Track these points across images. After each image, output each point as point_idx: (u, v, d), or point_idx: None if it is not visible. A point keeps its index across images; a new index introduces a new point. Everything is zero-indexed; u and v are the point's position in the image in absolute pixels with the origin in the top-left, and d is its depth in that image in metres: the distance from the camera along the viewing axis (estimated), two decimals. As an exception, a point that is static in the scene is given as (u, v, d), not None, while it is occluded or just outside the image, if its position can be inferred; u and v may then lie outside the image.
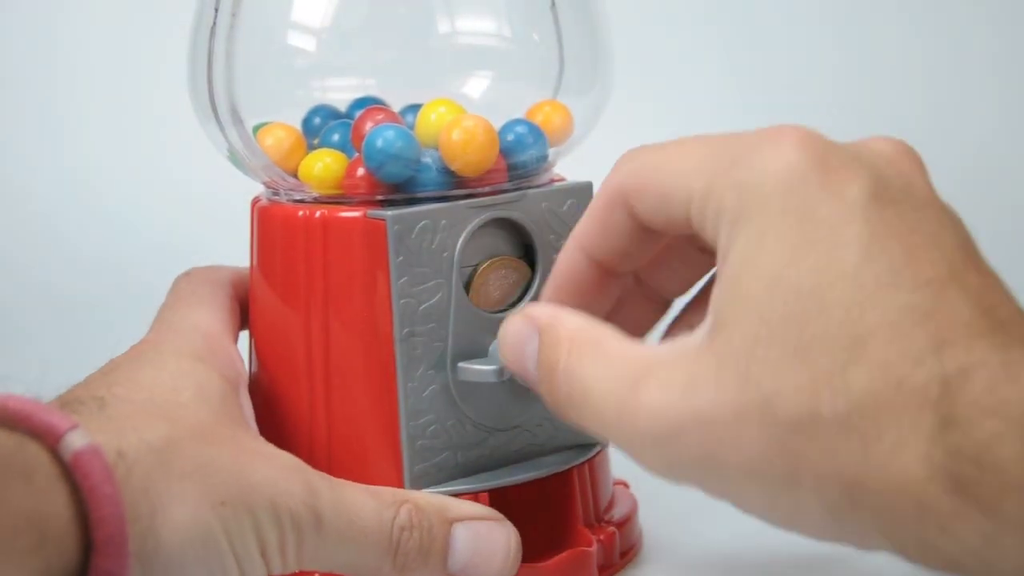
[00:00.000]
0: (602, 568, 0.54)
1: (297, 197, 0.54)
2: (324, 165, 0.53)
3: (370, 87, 0.56)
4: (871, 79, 1.10)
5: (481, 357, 0.52)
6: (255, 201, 0.56)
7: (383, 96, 0.57)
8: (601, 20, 0.57)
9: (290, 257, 0.53)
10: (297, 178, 0.54)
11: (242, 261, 0.56)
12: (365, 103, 0.56)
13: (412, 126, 0.54)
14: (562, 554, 0.53)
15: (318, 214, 0.52)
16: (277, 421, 0.54)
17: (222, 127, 0.55)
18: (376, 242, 0.51)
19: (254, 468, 0.46)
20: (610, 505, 0.57)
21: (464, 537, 0.49)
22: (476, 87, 0.56)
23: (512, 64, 0.57)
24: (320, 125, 0.56)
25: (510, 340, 0.46)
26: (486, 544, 0.49)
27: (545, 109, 0.56)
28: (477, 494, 0.52)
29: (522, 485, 0.53)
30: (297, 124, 0.56)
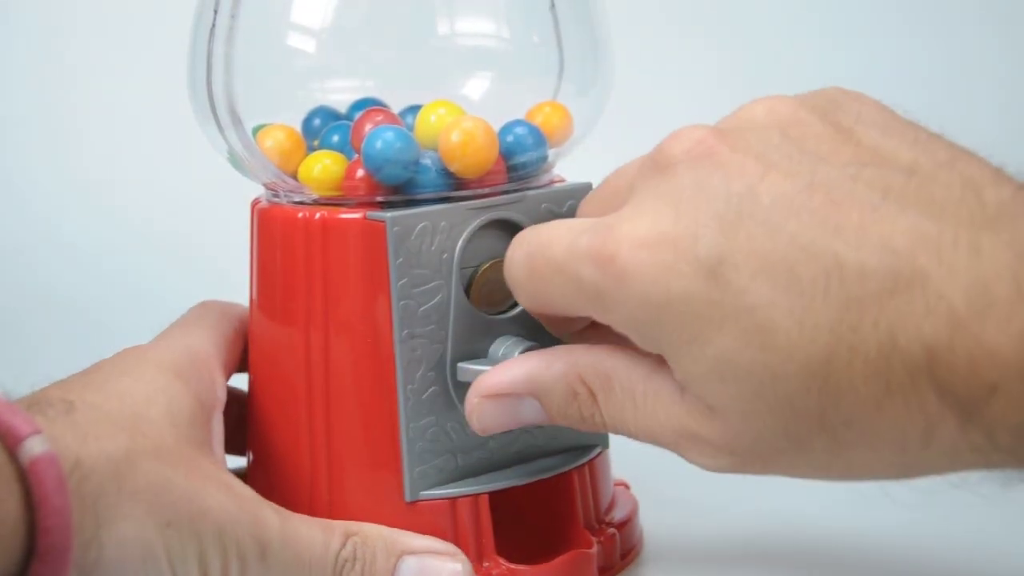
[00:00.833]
0: (603, 570, 0.54)
1: (297, 199, 0.54)
2: (324, 167, 0.53)
3: (369, 88, 0.56)
4: (870, 80, 1.10)
5: (481, 359, 0.52)
6: (255, 203, 0.56)
7: (382, 97, 0.57)
8: (600, 21, 0.57)
9: (290, 259, 0.53)
10: (297, 180, 0.54)
11: (243, 262, 0.56)
12: (365, 104, 0.56)
13: (412, 127, 0.54)
14: (563, 556, 0.53)
15: (318, 216, 0.52)
16: (277, 424, 0.54)
17: (221, 129, 0.55)
18: (376, 244, 0.51)
19: (207, 493, 0.46)
20: (611, 506, 0.57)
21: (411, 570, 0.50)
22: (476, 88, 0.56)
23: (512, 65, 0.57)
24: (320, 127, 0.56)
25: (490, 415, 0.49)
26: None
27: (545, 110, 0.56)
28: (477, 496, 0.52)
29: (522, 487, 0.53)
30: (296, 126, 0.56)
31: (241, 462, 0.58)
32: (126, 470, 0.45)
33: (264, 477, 0.55)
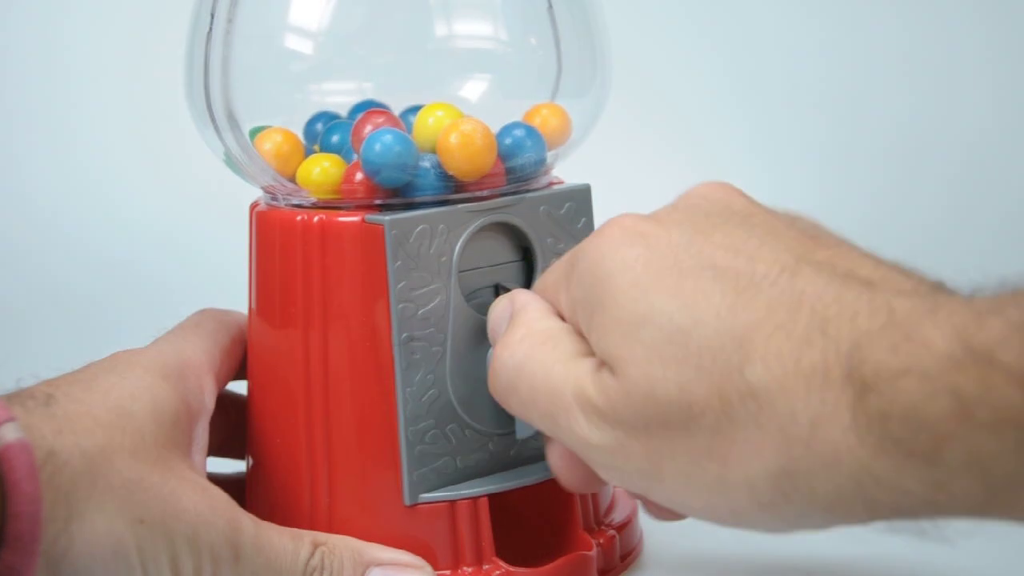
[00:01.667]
0: (602, 572, 0.54)
1: (295, 202, 0.54)
2: (322, 169, 0.53)
3: (367, 91, 0.56)
4: (870, 80, 1.10)
5: (480, 361, 0.52)
6: (254, 206, 0.56)
7: (380, 100, 0.57)
8: (598, 23, 0.57)
9: (288, 262, 0.53)
10: (295, 183, 0.54)
11: (244, 264, 0.56)
12: (365, 107, 0.56)
13: (411, 129, 0.54)
14: (562, 558, 0.53)
15: (316, 219, 0.52)
16: (276, 427, 0.54)
17: (219, 132, 0.55)
18: (374, 247, 0.51)
19: (182, 494, 0.47)
20: (610, 508, 0.57)
21: None
22: (474, 90, 0.56)
23: (510, 67, 0.57)
24: (322, 131, 0.56)
25: (493, 316, 0.51)
26: None
27: (543, 112, 0.56)
28: (477, 499, 0.52)
29: (522, 489, 0.53)
30: (294, 129, 0.56)
31: (240, 466, 0.58)
32: (101, 465, 0.45)
33: (263, 481, 0.55)
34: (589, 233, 0.54)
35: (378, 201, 0.52)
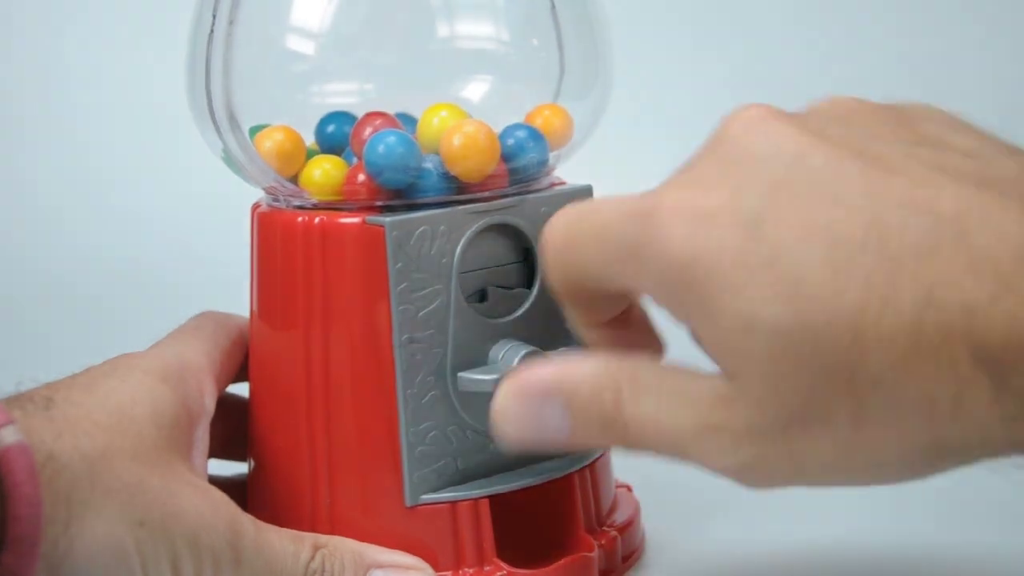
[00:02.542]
0: (604, 573, 0.54)
1: (296, 203, 0.54)
2: (323, 171, 0.53)
3: (368, 92, 0.56)
4: (872, 82, 1.10)
5: (481, 363, 0.52)
6: (255, 206, 0.56)
7: (382, 101, 0.57)
8: (601, 23, 0.57)
9: (290, 263, 0.53)
10: (296, 184, 0.54)
11: (245, 266, 0.56)
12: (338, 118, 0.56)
13: (413, 131, 0.54)
14: (563, 560, 0.53)
15: (317, 220, 0.52)
16: (277, 429, 0.54)
17: (220, 133, 0.55)
18: (375, 248, 0.51)
19: (182, 496, 0.47)
20: (612, 509, 0.57)
21: None
22: (476, 91, 0.56)
23: (512, 68, 0.57)
24: (335, 132, 0.56)
25: (514, 415, 0.45)
26: None
27: (545, 113, 0.56)
28: (478, 500, 0.52)
29: (523, 491, 0.53)
30: (295, 130, 0.56)
31: (241, 468, 0.58)
32: (101, 468, 0.45)
33: (265, 482, 0.55)
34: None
35: (380, 202, 0.52)
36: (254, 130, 0.55)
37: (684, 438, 0.42)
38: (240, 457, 0.58)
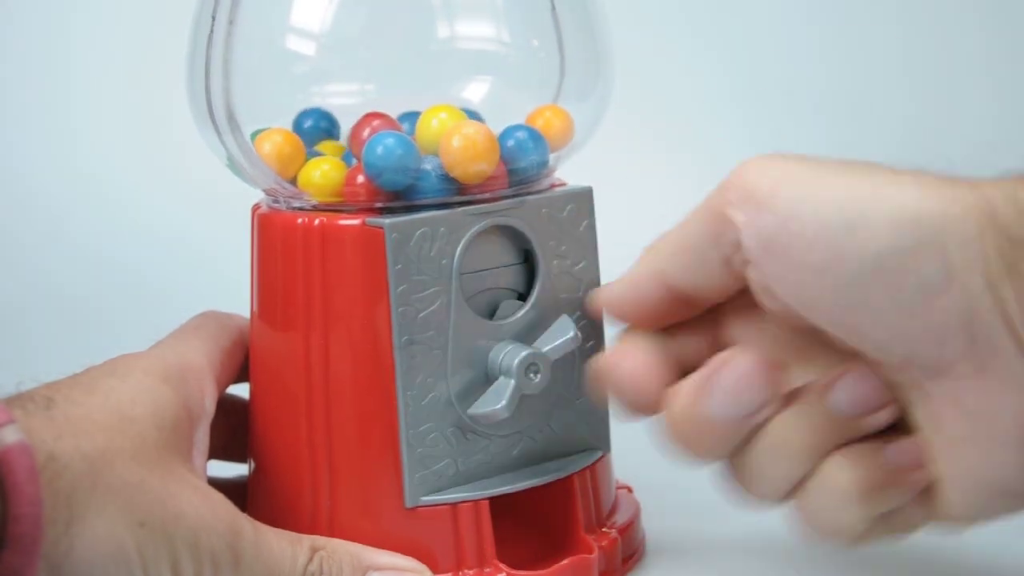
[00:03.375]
0: (604, 574, 0.54)
1: (296, 204, 0.54)
2: (323, 172, 0.53)
3: (369, 93, 0.56)
4: (872, 84, 1.10)
5: (481, 364, 0.52)
6: (255, 208, 0.56)
7: (382, 101, 0.57)
8: (601, 24, 0.57)
9: (290, 265, 0.53)
10: (296, 186, 0.54)
11: (246, 267, 0.56)
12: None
13: (412, 132, 0.54)
14: (563, 561, 0.52)
15: (317, 222, 0.52)
16: (277, 430, 0.54)
17: (220, 134, 0.55)
18: (375, 250, 0.51)
19: (182, 497, 0.47)
20: (612, 510, 0.57)
21: None
22: (476, 92, 0.56)
23: (512, 69, 0.57)
24: (312, 128, 0.56)
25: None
26: None
27: (545, 114, 0.56)
28: (478, 501, 0.52)
29: (523, 492, 0.53)
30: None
31: (241, 469, 0.58)
32: (102, 468, 0.45)
33: (265, 484, 0.55)
34: (591, 235, 0.55)
35: (379, 204, 0.52)
36: (255, 135, 0.55)
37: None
38: (240, 458, 0.58)
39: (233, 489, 0.54)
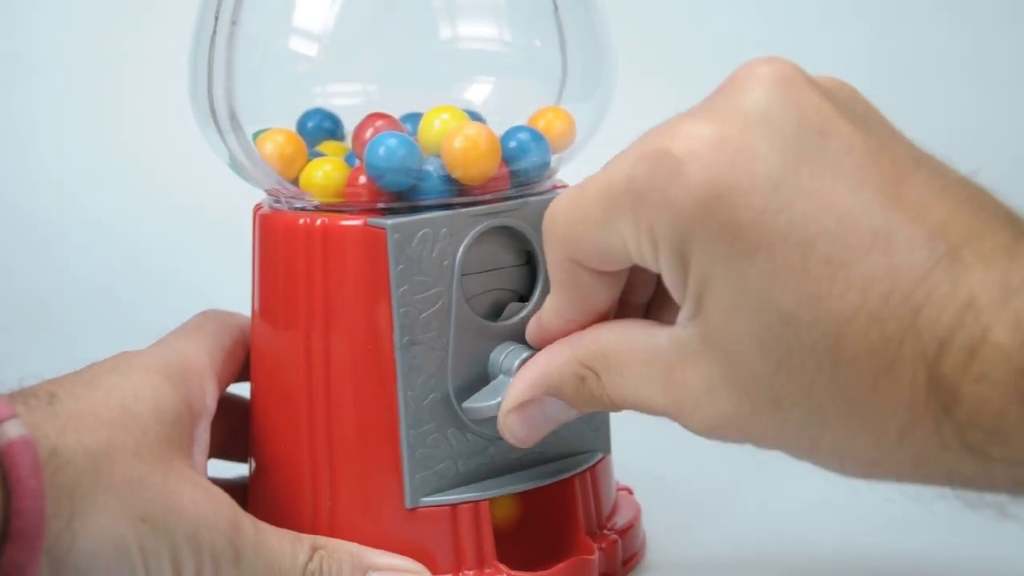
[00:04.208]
0: (604, 575, 0.54)
1: (298, 205, 0.54)
2: (325, 172, 0.53)
3: (371, 93, 0.56)
4: (873, 84, 1.10)
5: (482, 364, 0.52)
6: (257, 208, 0.56)
7: (384, 102, 0.56)
8: (603, 26, 0.57)
9: (291, 265, 0.53)
10: (298, 186, 0.54)
11: (247, 266, 0.56)
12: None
13: (414, 133, 0.54)
14: (564, 562, 0.52)
15: (319, 222, 0.52)
16: (278, 430, 0.54)
17: (222, 134, 0.55)
18: (376, 251, 0.51)
19: (184, 494, 0.47)
20: (613, 512, 0.57)
21: None
22: (478, 93, 0.56)
23: (514, 70, 0.57)
24: (315, 128, 0.56)
25: (520, 427, 0.50)
26: None
27: (547, 115, 0.56)
28: (478, 502, 0.52)
29: (523, 493, 0.53)
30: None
31: (241, 469, 0.58)
32: (103, 464, 0.45)
33: (266, 483, 0.55)
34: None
35: (381, 204, 0.52)
36: (258, 135, 0.55)
37: (658, 404, 0.44)
38: (239, 458, 0.58)
39: (233, 489, 0.54)
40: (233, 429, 0.57)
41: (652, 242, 0.42)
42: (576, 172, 0.57)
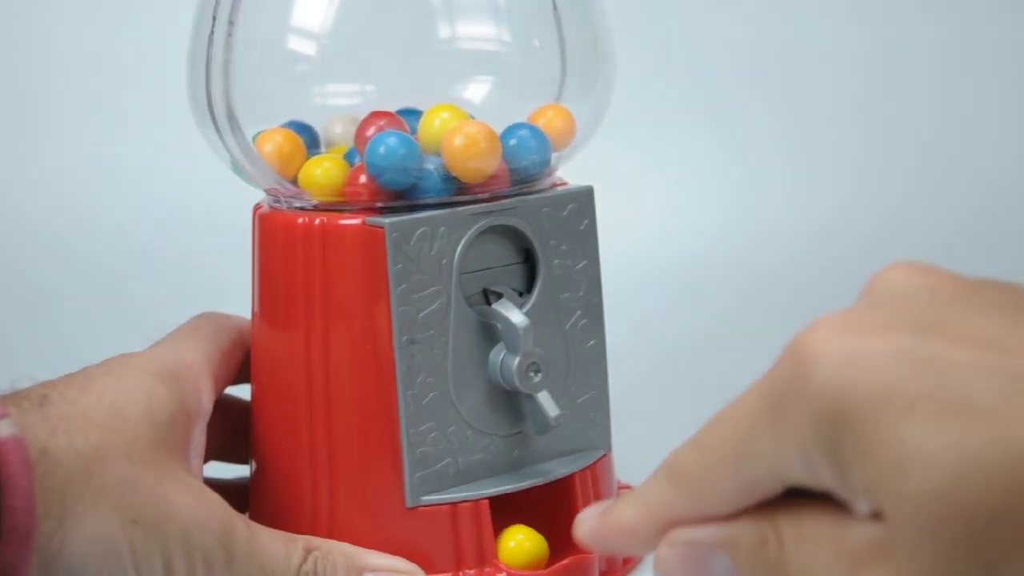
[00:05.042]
0: (604, 575, 0.54)
1: (297, 204, 0.54)
2: (323, 170, 0.53)
3: (370, 93, 0.56)
4: (872, 85, 1.09)
5: (480, 363, 0.52)
6: (256, 207, 0.56)
7: (383, 101, 0.56)
8: (603, 25, 0.57)
9: (290, 264, 0.53)
10: (297, 185, 0.54)
11: (247, 266, 0.56)
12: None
13: (414, 131, 0.54)
14: (564, 561, 0.52)
15: (317, 221, 0.52)
16: (278, 430, 0.54)
17: (220, 134, 0.55)
18: (375, 250, 0.51)
19: (176, 496, 0.47)
20: (613, 511, 0.57)
21: None
22: (478, 92, 0.56)
23: (514, 69, 0.57)
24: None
25: (678, 568, 0.40)
26: None
27: (547, 114, 0.56)
28: (478, 501, 0.52)
29: (524, 491, 0.53)
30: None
31: (240, 471, 0.58)
32: (95, 466, 0.45)
33: (266, 483, 0.55)
34: (591, 235, 0.55)
35: (380, 203, 0.52)
36: (257, 136, 0.55)
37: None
38: (238, 459, 0.58)
39: (233, 490, 0.54)
40: (231, 431, 0.57)
41: (801, 448, 0.37)
42: (576, 171, 0.57)
